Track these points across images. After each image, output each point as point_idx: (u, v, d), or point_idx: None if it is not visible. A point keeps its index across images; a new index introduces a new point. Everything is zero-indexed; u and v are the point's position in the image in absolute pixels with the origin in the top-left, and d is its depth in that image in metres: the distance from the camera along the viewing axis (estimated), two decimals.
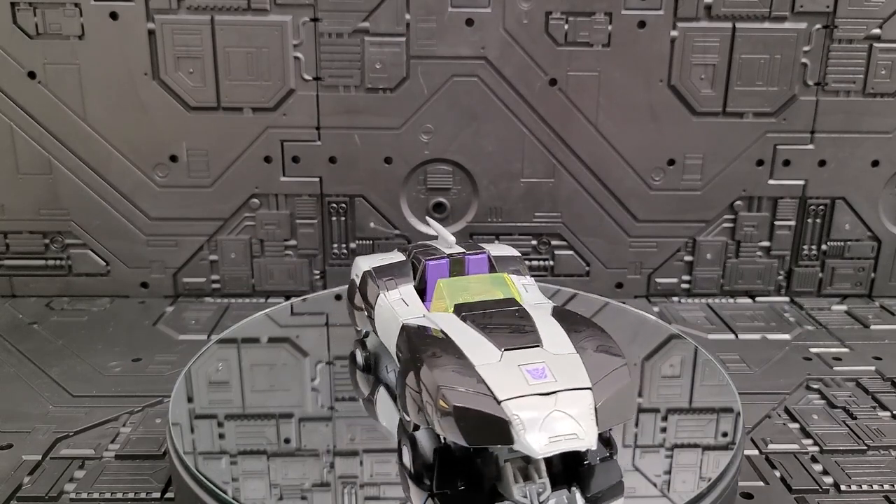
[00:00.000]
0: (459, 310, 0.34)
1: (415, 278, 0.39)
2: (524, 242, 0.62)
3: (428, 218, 0.49)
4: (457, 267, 0.38)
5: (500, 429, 0.28)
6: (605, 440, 0.33)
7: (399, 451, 0.34)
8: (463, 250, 0.39)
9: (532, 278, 0.39)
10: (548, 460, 0.30)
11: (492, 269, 0.39)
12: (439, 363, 0.30)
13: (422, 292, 0.38)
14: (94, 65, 0.57)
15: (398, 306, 0.37)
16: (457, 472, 0.31)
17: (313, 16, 0.57)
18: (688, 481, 0.34)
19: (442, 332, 0.33)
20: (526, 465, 0.30)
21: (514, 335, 0.32)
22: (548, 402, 0.28)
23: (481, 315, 0.33)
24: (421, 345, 0.32)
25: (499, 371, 0.30)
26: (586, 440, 0.28)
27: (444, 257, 0.38)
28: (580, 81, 0.58)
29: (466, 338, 0.32)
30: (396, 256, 0.41)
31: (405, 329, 0.34)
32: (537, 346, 0.31)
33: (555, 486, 0.30)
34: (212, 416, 0.39)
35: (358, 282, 0.41)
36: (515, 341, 0.31)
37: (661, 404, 0.41)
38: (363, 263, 0.41)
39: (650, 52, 0.58)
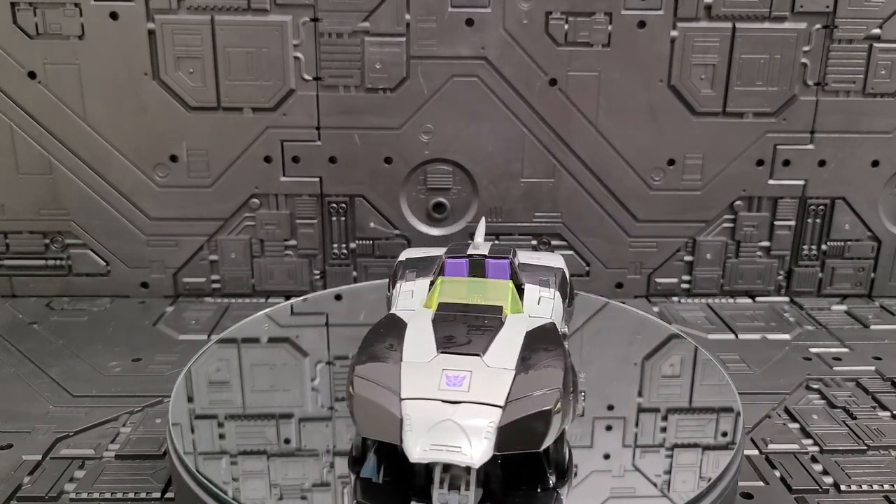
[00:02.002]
0: (441, 308, 0.35)
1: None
2: (524, 242, 0.62)
3: (483, 218, 0.48)
4: (476, 268, 0.38)
5: (390, 425, 0.28)
6: (562, 470, 0.33)
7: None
8: (484, 253, 0.39)
9: (557, 292, 0.38)
10: (486, 475, 0.30)
11: (514, 275, 0.38)
12: (375, 354, 0.31)
13: None
14: (94, 65, 0.57)
15: (403, 298, 0.37)
16: (393, 465, 0.31)
17: (313, 16, 0.57)
18: (688, 481, 0.34)
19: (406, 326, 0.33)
20: (463, 473, 0.29)
21: (464, 341, 0.32)
22: (446, 410, 0.28)
23: (452, 316, 0.34)
24: (375, 335, 0.33)
25: (419, 371, 0.30)
26: (469, 456, 0.27)
27: (465, 257, 0.39)
28: (580, 81, 0.58)
29: (417, 335, 0.32)
30: (439, 252, 0.42)
31: (385, 318, 0.35)
32: (477, 355, 0.31)
33: (490, 501, 0.30)
34: (212, 417, 0.39)
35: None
36: (458, 346, 0.31)
37: (661, 404, 0.41)
38: (404, 254, 0.42)
39: (650, 52, 0.58)
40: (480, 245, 0.40)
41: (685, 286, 0.64)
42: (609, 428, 0.38)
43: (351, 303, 0.54)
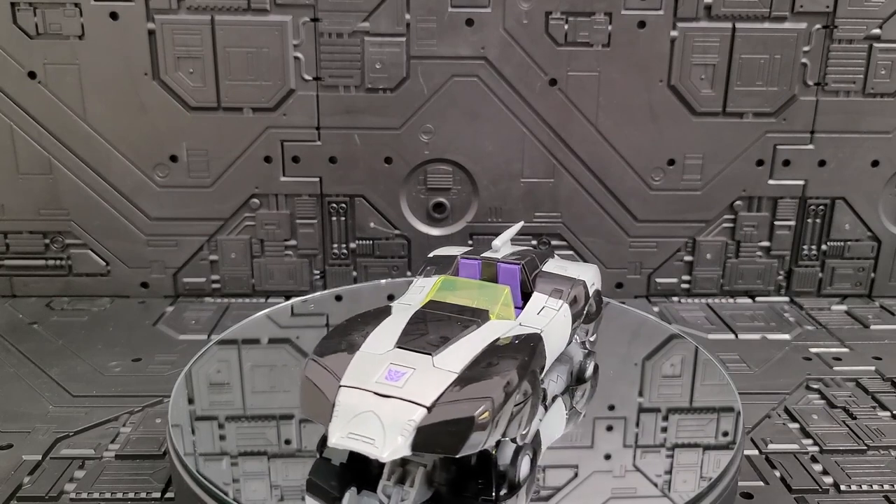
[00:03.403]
0: (427, 306, 0.35)
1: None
2: (524, 242, 0.62)
3: (521, 222, 0.48)
4: (488, 270, 0.39)
5: (324, 409, 0.29)
6: (512, 484, 0.32)
7: None
8: (498, 257, 0.39)
9: (566, 304, 0.37)
10: (441, 477, 0.31)
11: (524, 282, 0.38)
12: (342, 340, 0.32)
13: None
14: (94, 65, 0.57)
15: (412, 292, 0.38)
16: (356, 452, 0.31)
17: (313, 16, 0.57)
18: (688, 481, 0.34)
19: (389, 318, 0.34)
20: (414, 470, 0.30)
21: (426, 339, 0.32)
22: (373, 403, 0.29)
23: (431, 314, 0.34)
24: (351, 322, 0.34)
25: (368, 361, 0.31)
26: (380, 451, 0.27)
27: (478, 259, 0.39)
28: (580, 81, 0.58)
29: (388, 328, 0.33)
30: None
31: (376, 308, 0.36)
32: (428, 354, 0.31)
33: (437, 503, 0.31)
34: (212, 418, 0.39)
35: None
36: (417, 344, 0.32)
37: (662, 404, 0.41)
38: (434, 252, 0.43)
39: (650, 52, 0.58)
40: (500, 248, 0.40)
41: (685, 286, 0.64)
42: (610, 428, 0.38)
43: (351, 303, 0.54)
